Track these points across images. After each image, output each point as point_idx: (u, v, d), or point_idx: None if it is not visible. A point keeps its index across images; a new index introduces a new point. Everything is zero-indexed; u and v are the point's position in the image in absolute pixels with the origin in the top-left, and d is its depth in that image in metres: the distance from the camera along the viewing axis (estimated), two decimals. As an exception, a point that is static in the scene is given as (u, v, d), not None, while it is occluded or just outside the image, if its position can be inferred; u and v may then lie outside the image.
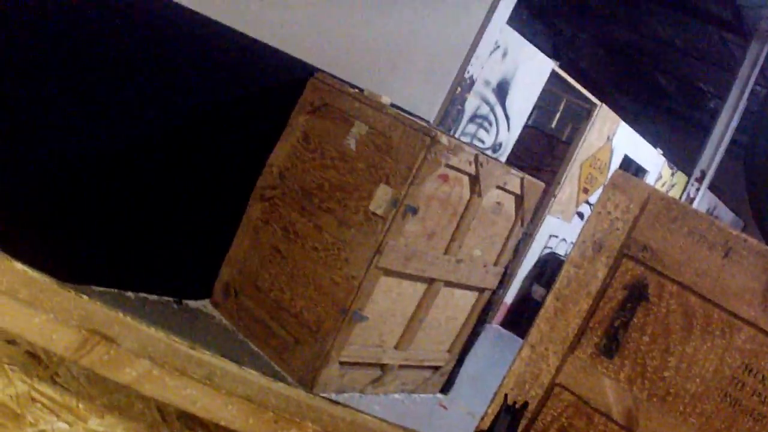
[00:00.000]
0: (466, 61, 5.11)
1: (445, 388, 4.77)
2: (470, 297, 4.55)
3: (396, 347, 4.25)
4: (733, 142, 8.61)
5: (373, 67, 4.59)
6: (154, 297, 4.03)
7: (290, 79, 4.23)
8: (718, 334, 1.83)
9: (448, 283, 4.29)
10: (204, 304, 4.28)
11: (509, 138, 6.13)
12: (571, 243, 6.25)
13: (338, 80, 4.25)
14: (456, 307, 4.49)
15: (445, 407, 4.65)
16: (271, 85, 4.18)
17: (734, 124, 8.25)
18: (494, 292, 4.68)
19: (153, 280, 4.06)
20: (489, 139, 5.88)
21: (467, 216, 4.14)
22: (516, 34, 5.58)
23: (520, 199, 4.45)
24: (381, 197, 3.80)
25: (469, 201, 4.12)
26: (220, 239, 4.32)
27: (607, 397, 1.95)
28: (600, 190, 6.56)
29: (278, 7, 3.97)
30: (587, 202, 7.45)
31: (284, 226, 4.15)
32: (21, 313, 0.96)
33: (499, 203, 4.35)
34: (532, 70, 5.94)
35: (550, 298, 2.08)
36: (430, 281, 4.18)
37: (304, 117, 4.22)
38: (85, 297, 1.06)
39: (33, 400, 1.07)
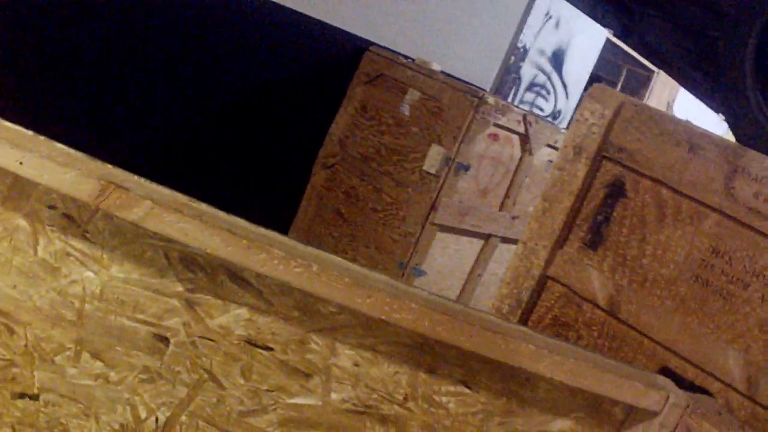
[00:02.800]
0: (518, 30, 5.27)
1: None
2: (528, 254, 4.69)
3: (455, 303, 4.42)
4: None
5: (427, 40, 4.80)
6: (227, 262, 4.30)
7: (347, 54, 4.48)
8: (687, 222, 2.01)
9: (505, 239, 4.46)
10: (275, 269, 4.53)
11: (568, 105, 6.25)
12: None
13: (392, 52, 4.47)
14: (514, 263, 4.64)
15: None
16: (329, 60, 4.43)
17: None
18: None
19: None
20: (548, 107, 6.02)
21: (519, 173, 4.30)
22: (568, 5, 5.71)
23: (572, 157, 4.58)
24: (433, 157, 4.00)
25: (520, 159, 4.28)
26: (287, 207, 4.60)
27: (593, 286, 2.14)
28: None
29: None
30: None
31: (346, 190, 4.39)
32: (57, 171, 1.22)
33: (551, 161, 4.49)
34: (586, 38, 6.05)
35: (539, 200, 2.30)
36: (487, 237, 4.36)
37: (360, 88, 4.46)
38: (108, 164, 1.32)
39: (67, 254, 1.35)
